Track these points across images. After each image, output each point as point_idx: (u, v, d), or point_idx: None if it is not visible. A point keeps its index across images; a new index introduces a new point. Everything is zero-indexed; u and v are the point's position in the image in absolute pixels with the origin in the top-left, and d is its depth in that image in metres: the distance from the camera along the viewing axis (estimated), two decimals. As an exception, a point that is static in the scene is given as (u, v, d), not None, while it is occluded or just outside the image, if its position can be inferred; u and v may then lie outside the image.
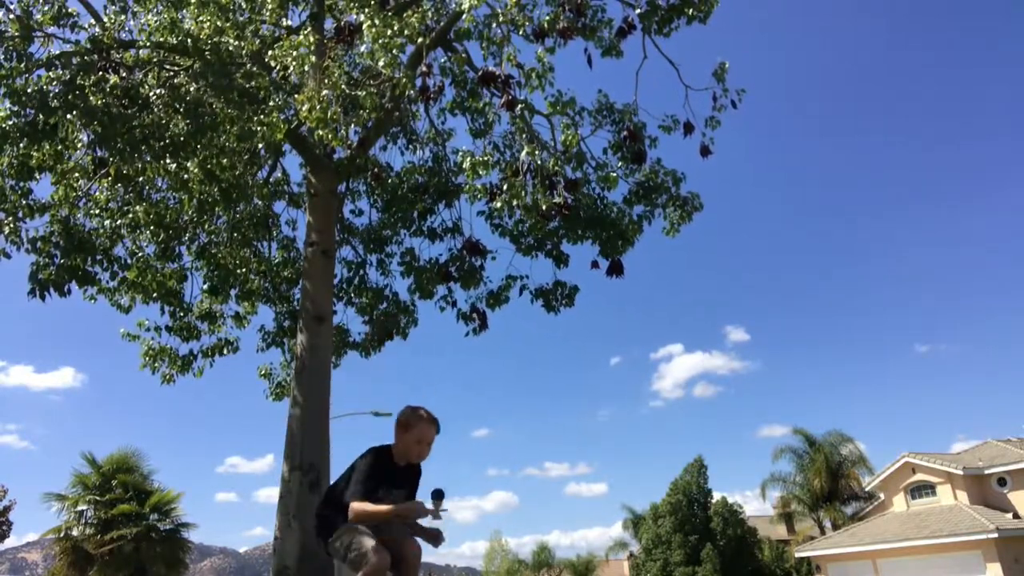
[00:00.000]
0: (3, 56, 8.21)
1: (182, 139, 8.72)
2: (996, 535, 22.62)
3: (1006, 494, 25.10)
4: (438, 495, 3.34)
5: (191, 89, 8.87)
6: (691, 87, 9.85)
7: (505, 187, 8.94)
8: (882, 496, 29.07)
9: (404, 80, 8.18)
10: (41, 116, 8.03)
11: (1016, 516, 24.24)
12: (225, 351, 11.92)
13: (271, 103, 8.54)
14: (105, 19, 9.40)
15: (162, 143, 8.68)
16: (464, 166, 8.60)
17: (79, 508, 20.45)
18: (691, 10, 9.31)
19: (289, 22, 10.07)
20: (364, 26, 8.14)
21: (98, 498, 20.54)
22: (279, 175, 12.26)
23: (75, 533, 20.12)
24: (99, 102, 8.20)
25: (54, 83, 8.23)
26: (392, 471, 3.58)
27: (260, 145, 9.23)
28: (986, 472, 25.61)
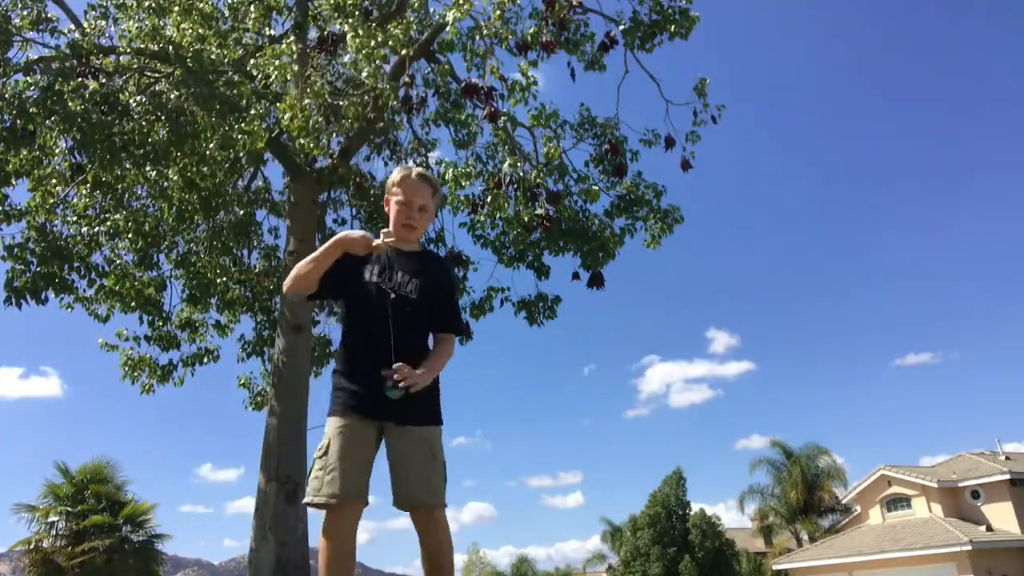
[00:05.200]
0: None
1: (162, 147, 8.66)
2: (970, 547, 22.89)
3: (980, 507, 25.43)
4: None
5: (172, 96, 8.83)
6: (672, 102, 9.95)
7: (488, 199, 8.97)
8: (858, 509, 29.32)
9: (387, 90, 8.19)
10: (19, 121, 7.95)
11: (989, 529, 24.56)
12: (206, 360, 11.79)
13: (252, 111, 8.51)
14: (85, 24, 9.34)
15: (142, 150, 8.62)
16: (446, 177, 8.62)
17: (50, 519, 20.09)
18: (673, 26, 9.41)
19: (272, 31, 10.06)
20: (348, 36, 8.16)
21: (70, 509, 20.18)
22: (260, 183, 12.21)
23: (46, 545, 19.74)
24: (78, 108, 8.12)
25: (32, 88, 8.15)
26: (384, 257, 2.78)
27: (241, 153, 9.19)
28: (960, 485, 25.93)
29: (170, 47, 8.46)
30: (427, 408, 2.79)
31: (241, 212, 11.37)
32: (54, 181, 9.64)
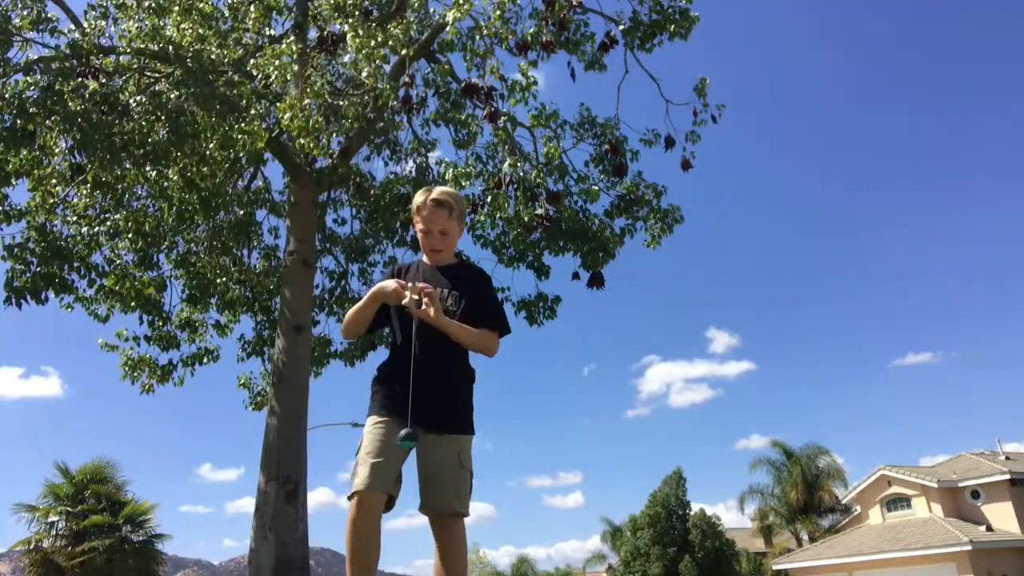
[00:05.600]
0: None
1: (162, 147, 8.66)
2: (970, 547, 22.89)
3: (979, 507, 25.42)
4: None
5: (172, 96, 8.83)
6: (672, 102, 9.95)
7: (488, 199, 8.96)
8: (858, 509, 29.31)
9: (387, 90, 8.19)
10: (19, 121, 7.95)
11: (989, 529, 24.55)
12: (206, 360, 11.79)
13: (253, 111, 8.51)
14: (85, 24, 9.33)
15: (142, 150, 8.62)
16: (446, 177, 8.62)
17: (50, 519, 20.09)
18: (673, 26, 9.42)
19: (272, 31, 10.06)
20: (348, 36, 8.16)
21: (70, 509, 20.20)
22: (260, 183, 12.21)
23: (46, 545, 19.75)
24: (78, 108, 8.12)
25: (32, 88, 8.14)
26: (422, 276, 2.98)
27: (241, 153, 9.20)
28: (960, 485, 25.93)
29: (170, 47, 8.46)
30: (459, 417, 2.89)
31: (241, 212, 11.37)
32: (54, 181, 9.63)
